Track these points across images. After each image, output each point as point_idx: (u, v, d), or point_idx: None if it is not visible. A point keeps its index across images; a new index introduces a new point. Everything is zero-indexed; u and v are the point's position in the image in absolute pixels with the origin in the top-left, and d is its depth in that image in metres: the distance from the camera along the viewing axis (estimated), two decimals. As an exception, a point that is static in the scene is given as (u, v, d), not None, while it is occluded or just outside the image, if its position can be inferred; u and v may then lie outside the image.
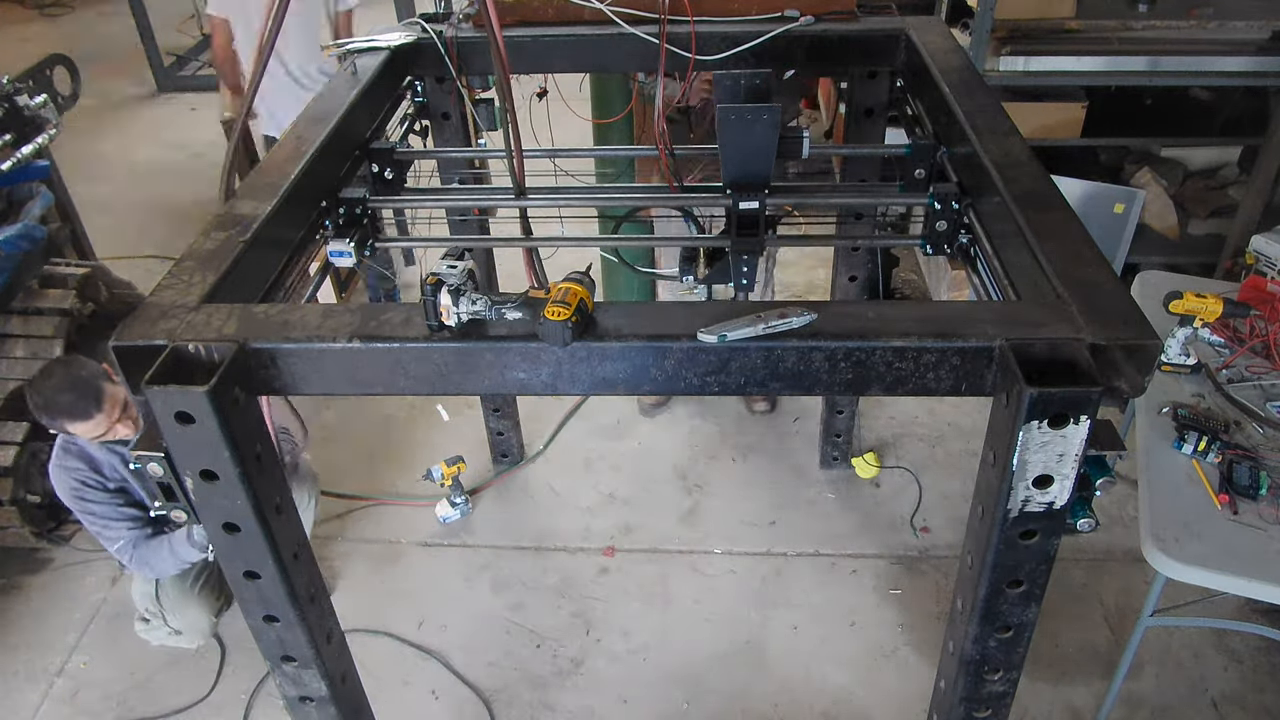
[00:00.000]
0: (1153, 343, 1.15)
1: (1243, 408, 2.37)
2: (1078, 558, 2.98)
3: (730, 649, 2.79)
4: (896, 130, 2.27)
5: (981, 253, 1.60)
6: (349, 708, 1.58)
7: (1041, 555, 1.23)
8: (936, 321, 1.21)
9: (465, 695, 2.68)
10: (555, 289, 1.21)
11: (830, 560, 3.05)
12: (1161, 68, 3.43)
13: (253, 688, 2.70)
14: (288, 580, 1.32)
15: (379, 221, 1.86)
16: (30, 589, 3.02)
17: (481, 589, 3.00)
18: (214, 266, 1.35)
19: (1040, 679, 2.65)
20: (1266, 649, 2.70)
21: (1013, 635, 1.33)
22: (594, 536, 3.17)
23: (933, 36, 2.08)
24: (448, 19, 2.19)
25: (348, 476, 3.38)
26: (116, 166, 5.80)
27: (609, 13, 2.04)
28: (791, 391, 1.25)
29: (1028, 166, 1.53)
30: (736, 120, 1.64)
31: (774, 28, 2.07)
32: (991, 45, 3.41)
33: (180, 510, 1.27)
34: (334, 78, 2.01)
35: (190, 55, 7.30)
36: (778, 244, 1.84)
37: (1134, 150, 4.13)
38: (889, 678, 2.70)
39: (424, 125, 2.37)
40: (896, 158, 1.92)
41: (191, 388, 1.11)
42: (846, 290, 2.88)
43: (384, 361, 1.24)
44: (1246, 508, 2.09)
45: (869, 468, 3.35)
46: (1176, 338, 2.47)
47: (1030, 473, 1.14)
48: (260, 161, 1.67)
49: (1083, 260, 1.30)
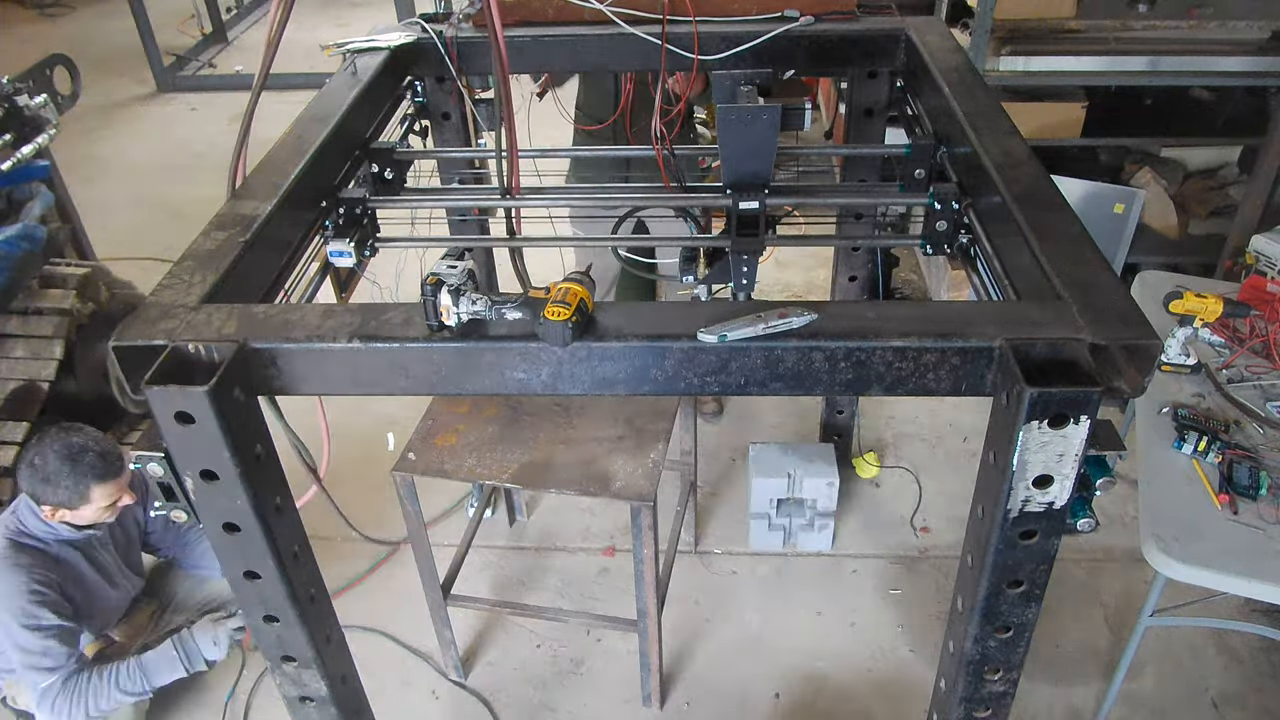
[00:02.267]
0: (1153, 343, 1.15)
1: (1243, 408, 2.37)
2: (1078, 558, 2.98)
3: (730, 649, 2.79)
4: (896, 130, 2.27)
5: (981, 253, 1.60)
6: (349, 708, 1.58)
7: (1041, 555, 1.23)
8: (936, 321, 1.21)
9: (466, 695, 2.68)
10: (555, 289, 1.21)
11: (830, 560, 3.05)
12: (1161, 68, 3.43)
13: (250, 685, 2.70)
14: (288, 580, 1.32)
15: (378, 221, 1.86)
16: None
17: (482, 589, 3.00)
18: (214, 266, 1.35)
19: (1040, 679, 2.65)
20: (1266, 649, 2.70)
21: (1013, 635, 1.33)
22: (594, 536, 3.17)
23: (933, 36, 2.08)
24: (448, 19, 2.19)
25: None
26: (116, 166, 5.80)
27: (609, 13, 2.05)
28: (792, 392, 1.25)
29: (1028, 166, 1.53)
30: (736, 120, 1.64)
31: (774, 28, 2.07)
32: (991, 45, 3.41)
33: (180, 510, 1.27)
34: (334, 77, 2.01)
35: (190, 55, 7.30)
36: (778, 244, 1.84)
37: (1134, 150, 4.12)
38: (889, 678, 2.70)
39: (424, 125, 2.37)
40: (896, 158, 1.92)
41: (191, 388, 1.11)
42: (846, 290, 2.88)
43: (384, 361, 1.24)
44: (1246, 508, 2.09)
45: (869, 468, 3.35)
46: (1176, 338, 2.47)
47: (1030, 473, 1.14)
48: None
49: (1083, 260, 1.30)
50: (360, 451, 3.27)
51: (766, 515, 3.01)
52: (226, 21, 7.87)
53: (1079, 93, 3.71)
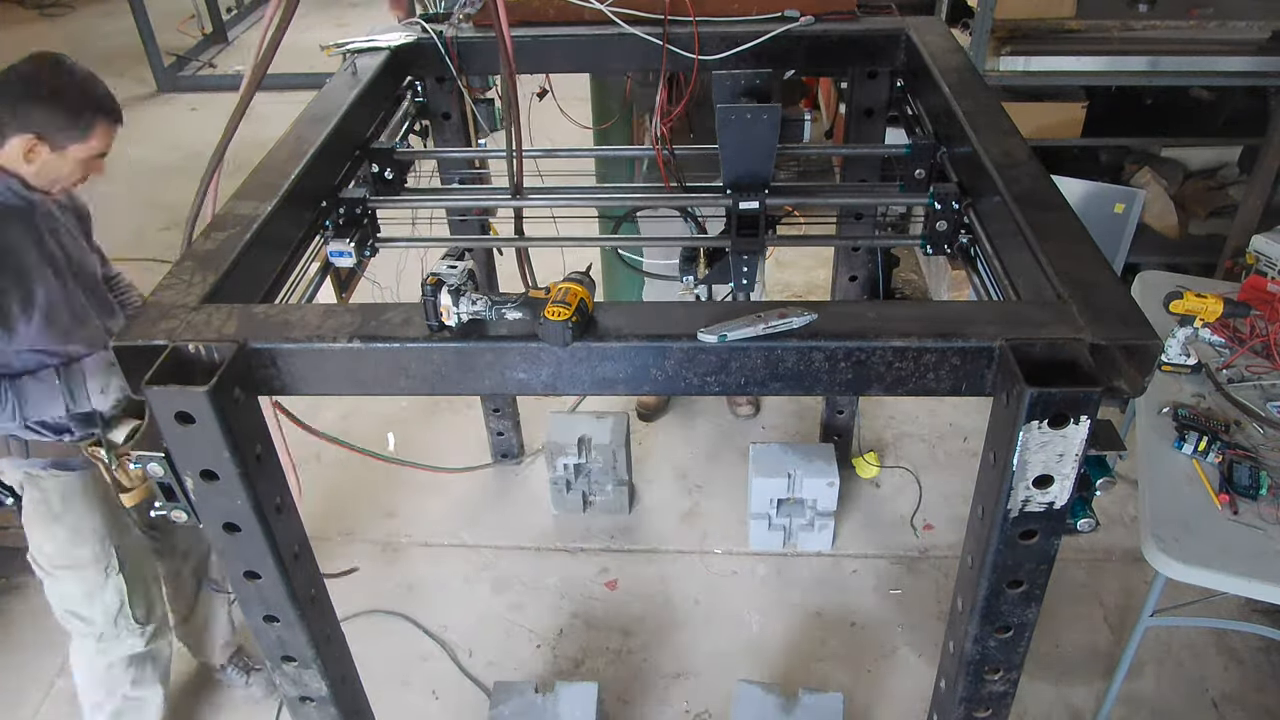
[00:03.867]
0: (1153, 343, 1.15)
1: (1243, 408, 2.37)
2: (1078, 558, 2.98)
3: (731, 649, 2.79)
4: (896, 130, 2.27)
5: (981, 253, 1.60)
6: (349, 708, 1.58)
7: (1041, 555, 1.23)
8: (936, 321, 1.21)
9: (466, 695, 2.68)
10: (555, 289, 1.21)
11: (830, 560, 3.05)
12: (1161, 68, 3.43)
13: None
14: (288, 580, 1.32)
15: (379, 221, 1.86)
16: (30, 589, 3.02)
17: (481, 589, 3.00)
18: (214, 266, 1.35)
19: (1040, 679, 2.65)
20: (1266, 649, 2.70)
21: (1013, 635, 1.33)
22: (594, 537, 3.17)
23: (933, 36, 2.08)
24: (448, 19, 2.19)
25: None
26: (116, 166, 5.73)
27: (609, 13, 2.05)
28: (792, 392, 1.25)
29: (1028, 166, 1.53)
30: (736, 120, 1.64)
31: (774, 28, 2.07)
32: (991, 45, 3.41)
33: (180, 510, 1.27)
34: (334, 77, 2.01)
35: (190, 55, 7.30)
36: (778, 244, 1.84)
37: (1134, 150, 4.12)
38: (889, 678, 2.70)
39: (424, 125, 2.37)
40: (896, 158, 1.92)
41: (192, 388, 1.11)
42: (847, 290, 2.88)
43: (384, 361, 1.24)
44: (1246, 508, 2.09)
45: (869, 468, 3.35)
46: (1176, 338, 2.47)
47: (1030, 473, 1.14)
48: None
49: (1083, 260, 1.30)
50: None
51: (766, 515, 3.01)
52: (226, 21, 7.88)
53: (1079, 93, 3.71)
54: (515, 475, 3.42)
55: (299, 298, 1.60)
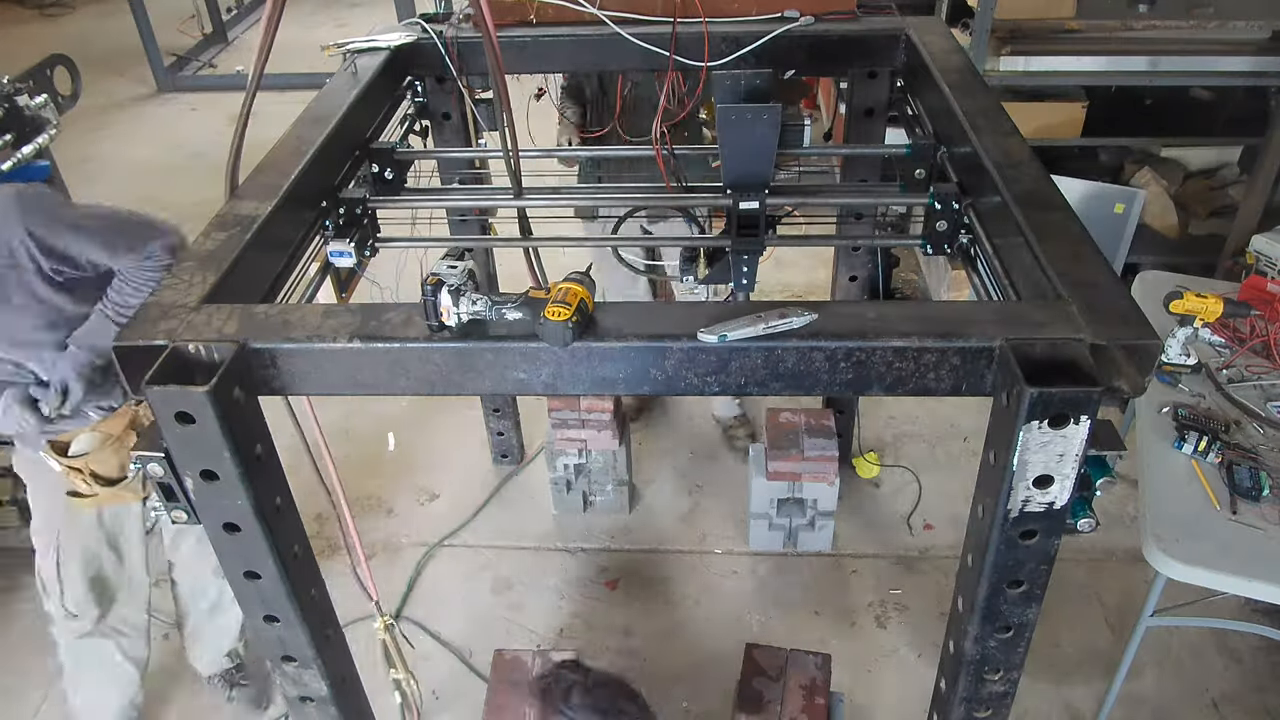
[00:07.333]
0: (1153, 343, 1.15)
1: (1243, 408, 2.37)
2: (1078, 558, 2.98)
3: (731, 649, 2.78)
4: (896, 130, 2.27)
5: (981, 253, 1.60)
6: (349, 708, 1.58)
7: (1042, 555, 1.23)
8: (936, 321, 1.21)
9: (466, 695, 2.68)
10: (555, 289, 1.20)
11: (831, 560, 3.05)
12: (1161, 68, 3.43)
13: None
14: (288, 580, 1.32)
15: (379, 221, 1.86)
16: (31, 589, 3.01)
17: (481, 589, 3.00)
18: (214, 266, 1.35)
19: (1040, 679, 2.65)
20: (1266, 649, 2.70)
21: (1013, 635, 1.33)
22: (594, 536, 3.17)
23: (933, 36, 2.08)
24: (448, 19, 2.19)
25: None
26: (116, 166, 5.80)
27: (605, 18, 2.05)
28: (792, 392, 1.25)
29: (1028, 166, 1.53)
30: (736, 120, 1.64)
31: (774, 28, 2.07)
32: (991, 45, 3.41)
33: (180, 510, 1.27)
34: (334, 77, 2.01)
35: (190, 55, 7.30)
36: (778, 244, 1.84)
37: (1134, 150, 4.12)
38: (889, 678, 2.70)
39: (424, 125, 2.37)
40: (896, 158, 1.92)
41: (192, 388, 1.11)
42: (847, 290, 2.88)
43: (384, 361, 1.24)
44: (1246, 508, 2.09)
45: (869, 467, 3.35)
46: (1176, 338, 2.47)
47: (1030, 473, 1.14)
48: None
49: (1083, 260, 1.30)
50: (361, 451, 3.28)
51: (767, 515, 3.01)
52: (226, 21, 7.88)
53: (1079, 93, 3.71)
54: (515, 475, 3.43)
55: (299, 298, 1.60)
